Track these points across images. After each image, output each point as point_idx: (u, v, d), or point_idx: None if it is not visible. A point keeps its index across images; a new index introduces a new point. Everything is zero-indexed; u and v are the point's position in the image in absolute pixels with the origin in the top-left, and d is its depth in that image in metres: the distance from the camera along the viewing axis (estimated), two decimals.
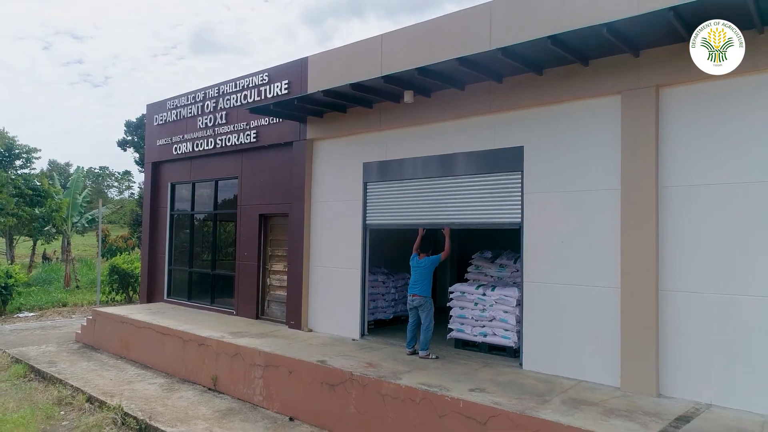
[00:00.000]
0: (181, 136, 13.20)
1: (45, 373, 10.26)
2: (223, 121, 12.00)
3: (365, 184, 9.41)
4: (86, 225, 25.05)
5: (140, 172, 42.98)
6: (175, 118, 13.41)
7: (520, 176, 7.46)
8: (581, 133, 6.95)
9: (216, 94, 12.24)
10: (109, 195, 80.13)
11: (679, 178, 6.20)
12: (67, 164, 59.81)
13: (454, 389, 6.36)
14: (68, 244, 23.91)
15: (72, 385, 9.41)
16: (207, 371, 9.26)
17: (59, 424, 8.02)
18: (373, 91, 8.20)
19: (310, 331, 10.07)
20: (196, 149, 12.77)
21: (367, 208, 9.37)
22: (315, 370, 7.61)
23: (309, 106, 9.39)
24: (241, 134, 11.56)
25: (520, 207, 7.45)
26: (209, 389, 9.14)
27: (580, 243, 6.88)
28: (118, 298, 20.21)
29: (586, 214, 6.84)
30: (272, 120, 10.83)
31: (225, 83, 12.04)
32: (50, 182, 23.86)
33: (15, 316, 17.11)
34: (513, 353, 7.78)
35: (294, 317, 10.29)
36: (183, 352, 9.83)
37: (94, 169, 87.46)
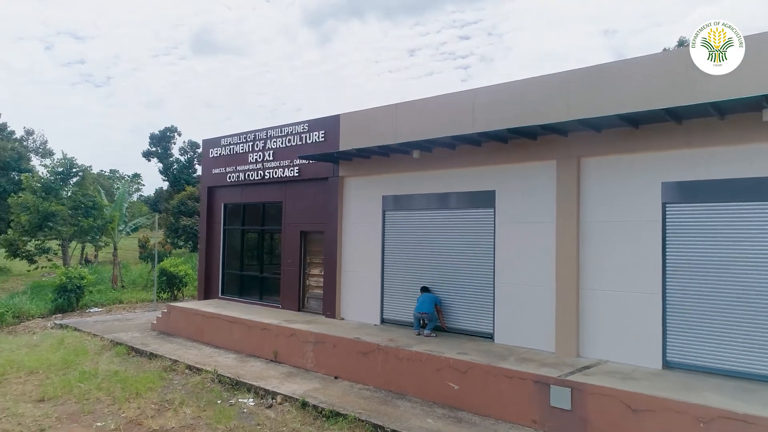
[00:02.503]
0: (233, 168, 16.66)
1: (144, 351, 13.72)
2: (271, 158, 15.45)
3: (384, 212, 12.87)
4: (129, 232, 28.52)
5: (164, 180, 46.37)
6: (228, 153, 16.87)
7: (493, 211, 10.92)
8: (532, 183, 10.39)
9: (264, 137, 15.71)
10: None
11: (591, 216, 9.64)
12: (101, 172, 63.47)
13: (447, 353, 9.81)
14: (115, 249, 27.37)
15: (169, 358, 12.87)
16: (268, 348, 12.72)
17: (172, 383, 11.47)
18: (391, 149, 11.65)
19: (342, 319, 13.53)
20: (246, 179, 16.22)
21: (385, 229, 12.83)
22: (352, 344, 11.06)
23: (342, 154, 12.84)
24: (286, 169, 15.02)
25: (492, 233, 10.90)
26: (271, 361, 12.59)
27: (531, 257, 10.32)
28: (164, 296, 23.67)
29: (534, 238, 10.28)
30: (312, 161, 14.27)
31: (272, 128, 15.50)
32: (97, 195, 27.30)
33: (87, 311, 20.60)
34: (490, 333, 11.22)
35: (330, 309, 13.75)
36: (248, 334, 13.28)
37: (104, 172, 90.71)
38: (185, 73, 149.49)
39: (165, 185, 45.32)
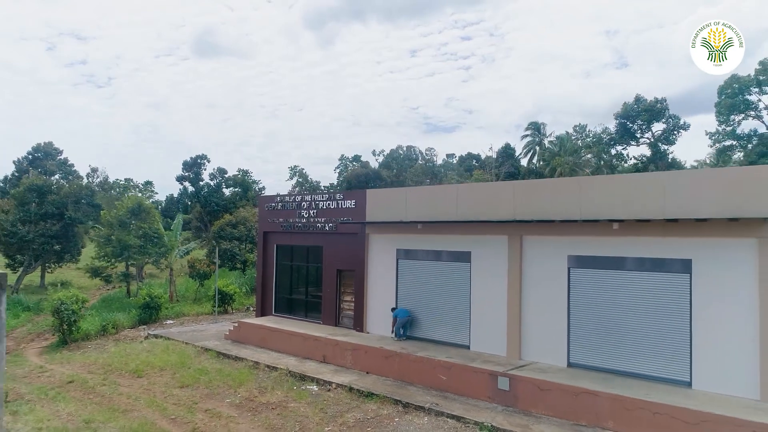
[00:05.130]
0: (285, 219, 22.62)
1: (229, 355, 19.65)
2: (315, 215, 21.41)
3: (397, 260, 18.82)
4: (182, 255, 34.52)
5: (195, 202, 52.26)
6: (280, 208, 22.85)
7: (469, 265, 16.86)
8: (494, 248, 16.31)
9: (310, 200, 21.67)
10: None
11: (528, 273, 15.56)
12: (116, 181, 69.14)
13: (439, 357, 15.72)
14: (171, 270, 33.36)
15: (251, 360, 18.79)
16: (319, 353, 18.63)
17: (259, 376, 17.37)
18: (403, 223, 17.59)
19: (368, 333, 19.47)
20: (295, 228, 22.18)
21: (399, 272, 18.79)
22: (378, 351, 16.98)
23: (370, 222, 18.78)
24: (326, 224, 20.98)
25: (469, 279, 16.84)
26: (321, 362, 18.50)
27: (492, 296, 16.24)
28: (218, 309, 29.61)
29: (495, 284, 16.19)
30: (345, 220, 20.21)
31: (317, 193, 21.44)
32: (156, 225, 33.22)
33: (164, 322, 26.56)
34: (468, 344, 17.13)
35: (359, 325, 19.70)
36: (304, 343, 19.21)
37: (120, 180, 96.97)
38: (187, 73, 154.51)
39: (176, 191, 51.30)
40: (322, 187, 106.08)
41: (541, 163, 75.77)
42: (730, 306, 12.34)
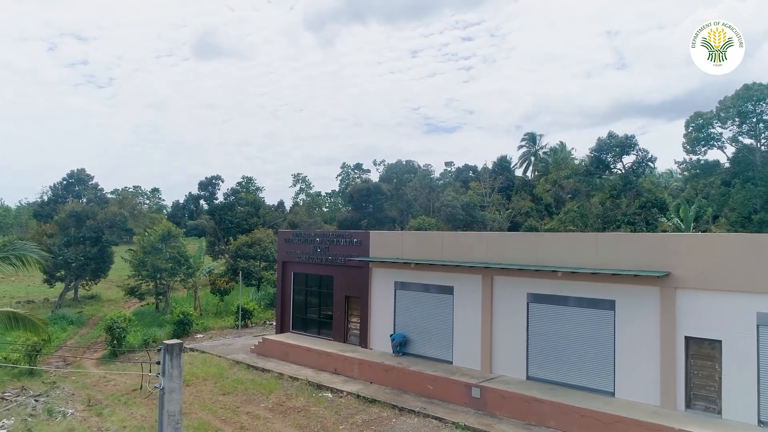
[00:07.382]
0: (301, 251, 26.90)
1: (257, 367, 23.92)
2: (327, 250, 25.69)
3: (395, 290, 23.11)
4: (206, 274, 38.83)
5: (210, 218, 56.53)
6: (298, 242, 27.14)
7: (452, 297, 21.14)
8: (471, 285, 20.58)
9: (322, 237, 25.95)
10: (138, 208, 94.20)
11: (498, 306, 19.84)
12: (125, 189, 73.21)
13: (427, 371, 19.99)
14: (195, 288, 37.65)
15: (276, 372, 23.06)
16: (331, 366, 22.90)
17: (284, 385, 21.63)
18: (399, 261, 21.88)
19: (372, 349, 23.74)
20: (310, 260, 26.46)
21: (396, 300, 23.09)
22: (380, 365, 21.25)
23: (373, 259, 23.07)
24: (336, 258, 25.26)
25: (452, 308, 21.13)
26: (333, 373, 22.75)
27: (470, 321, 20.51)
28: (240, 323, 33.89)
29: (472, 313, 20.46)
30: (352, 256, 24.49)
31: (329, 233, 25.70)
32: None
33: (195, 336, 30.82)
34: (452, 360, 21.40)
35: (364, 342, 23.99)
36: (319, 358, 23.49)
37: (128, 188, 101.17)
38: (187, 74, 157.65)
39: (182, 198, 55.44)
40: (323, 194, 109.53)
41: (536, 174, 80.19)
42: (641, 336, 16.61)
